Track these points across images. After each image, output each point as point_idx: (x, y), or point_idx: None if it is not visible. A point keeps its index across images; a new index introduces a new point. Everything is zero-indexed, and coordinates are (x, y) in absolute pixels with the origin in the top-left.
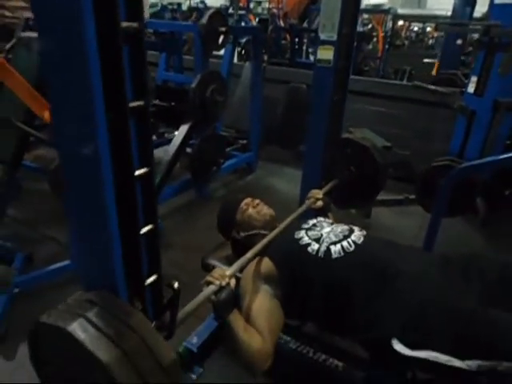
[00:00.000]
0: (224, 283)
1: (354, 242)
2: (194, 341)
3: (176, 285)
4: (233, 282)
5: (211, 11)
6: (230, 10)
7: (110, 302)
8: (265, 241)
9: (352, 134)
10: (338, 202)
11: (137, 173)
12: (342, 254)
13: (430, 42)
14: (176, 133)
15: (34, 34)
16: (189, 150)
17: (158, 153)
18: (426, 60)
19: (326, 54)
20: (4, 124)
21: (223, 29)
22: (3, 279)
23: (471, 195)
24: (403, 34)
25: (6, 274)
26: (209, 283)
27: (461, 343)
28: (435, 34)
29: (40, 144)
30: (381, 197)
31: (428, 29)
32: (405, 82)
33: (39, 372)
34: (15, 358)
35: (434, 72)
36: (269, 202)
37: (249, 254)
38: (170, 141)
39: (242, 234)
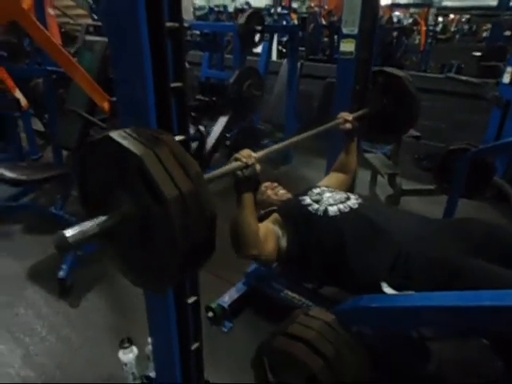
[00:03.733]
0: (250, 162)
1: (349, 206)
2: (225, 299)
3: (202, 128)
4: (258, 165)
5: (249, 11)
6: (273, 10)
7: (144, 128)
8: (290, 141)
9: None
10: (367, 134)
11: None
12: (338, 213)
13: (484, 34)
14: None
15: (95, 38)
16: (228, 142)
17: None
18: (475, 53)
19: (348, 46)
20: (70, 115)
21: (259, 27)
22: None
23: (488, 178)
24: (453, 26)
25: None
26: (236, 159)
27: (437, 286)
28: (489, 26)
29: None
30: (412, 186)
31: None
32: (438, 75)
33: (81, 189)
34: (79, 305)
35: None
36: (299, 188)
37: (275, 146)
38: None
39: (262, 212)
